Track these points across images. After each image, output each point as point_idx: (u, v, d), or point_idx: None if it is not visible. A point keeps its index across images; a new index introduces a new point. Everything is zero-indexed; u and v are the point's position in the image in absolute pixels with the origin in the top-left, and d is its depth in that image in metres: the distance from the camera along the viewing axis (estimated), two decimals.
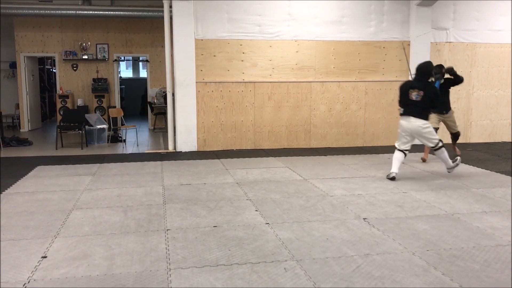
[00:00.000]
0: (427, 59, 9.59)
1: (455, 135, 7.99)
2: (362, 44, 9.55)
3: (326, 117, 9.58)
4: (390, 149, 8.93)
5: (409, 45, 9.70)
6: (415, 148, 7.77)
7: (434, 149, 6.53)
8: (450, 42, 9.92)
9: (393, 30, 9.65)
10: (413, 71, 9.57)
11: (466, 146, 9.52)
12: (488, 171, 7.13)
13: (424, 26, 9.59)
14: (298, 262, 3.59)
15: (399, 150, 6.57)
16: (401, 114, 6.53)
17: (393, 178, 6.43)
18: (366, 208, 5.11)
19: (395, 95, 9.74)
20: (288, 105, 9.40)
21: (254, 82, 9.23)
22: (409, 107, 6.42)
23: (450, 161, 6.69)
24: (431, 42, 9.74)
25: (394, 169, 6.48)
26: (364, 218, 4.72)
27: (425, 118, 6.38)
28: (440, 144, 6.49)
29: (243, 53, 9.16)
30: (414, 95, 6.36)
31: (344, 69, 9.53)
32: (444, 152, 6.58)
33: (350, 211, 4.98)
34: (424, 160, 7.86)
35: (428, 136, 6.42)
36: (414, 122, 6.37)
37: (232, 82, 9.18)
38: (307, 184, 6.25)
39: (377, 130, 9.79)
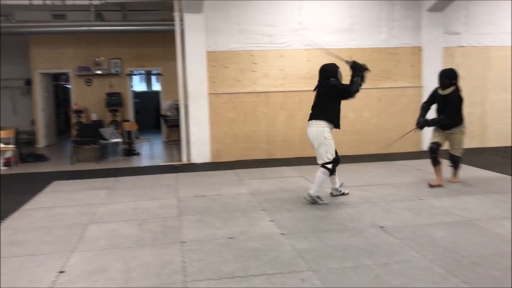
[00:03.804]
0: (439, 64, 9.57)
1: (452, 159, 6.52)
2: (374, 51, 9.52)
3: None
4: (405, 156, 8.87)
5: (421, 50, 9.64)
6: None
7: (321, 165, 5.50)
8: (462, 46, 9.83)
9: (404, 36, 9.61)
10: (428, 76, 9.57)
11: (483, 150, 9.39)
12: (506, 175, 7.01)
13: (435, 31, 9.54)
14: (315, 272, 3.55)
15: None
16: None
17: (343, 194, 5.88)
18: (382, 216, 5.06)
19: (408, 101, 9.69)
20: (301, 114, 9.36)
21: (266, 92, 9.24)
22: (311, 111, 5.74)
23: (321, 188, 5.59)
24: (443, 47, 9.67)
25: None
26: (381, 227, 4.67)
27: (321, 118, 5.54)
28: (330, 165, 5.46)
29: (255, 63, 9.19)
30: (315, 97, 5.73)
31: None
32: (324, 177, 5.49)
33: (366, 220, 4.93)
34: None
35: (323, 148, 5.48)
36: (310, 127, 5.65)
37: (244, 92, 9.20)
38: (322, 193, 6.20)
39: (391, 136, 9.67)
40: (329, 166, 5.48)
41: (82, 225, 4.99)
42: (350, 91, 5.53)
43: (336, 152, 5.65)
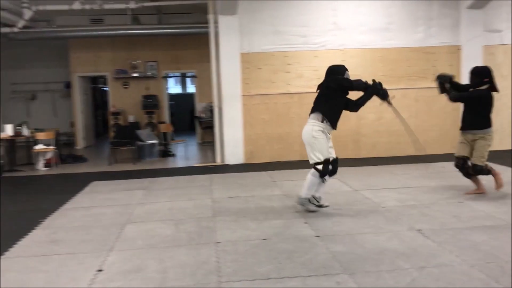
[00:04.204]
0: (479, 63, 9.27)
1: (473, 169, 5.74)
2: (411, 51, 9.34)
3: (376, 125, 9.39)
4: (443, 158, 8.64)
5: (459, 49, 9.40)
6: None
7: (313, 167, 5.18)
8: (504, 44, 9.51)
9: (442, 35, 9.38)
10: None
11: None
12: None
13: (475, 29, 9.27)
14: (350, 275, 3.51)
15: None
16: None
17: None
18: (420, 219, 4.95)
19: (446, 101, 9.37)
20: None
21: (300, 93, 9.20)
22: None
23: (311, 191, 5.24)
24: (484, 46, 9.38)
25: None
26: (418, 230, 4.56)
27: (316, 111, 5.21)
28: (320, 166, 5.09)
29: (288, 64, 9.16)
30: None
31: (392, 77, 9.34)
32: (314, 179, 5.15)
33: (403, 223, 4.83)
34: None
35: (308, 148, 5.19)
36: (305, 126, 5.29)
37: (278, 93, 9.19)
38: (357, 195, 6.13)
39: (429, 138, 9.47)
40: (319, 167, 5.09)
41: (120, 225, 5.09)
42: (351, 82, 5.12)
43: (335, 162, 5.28)
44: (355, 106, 5.42)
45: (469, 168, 5.77)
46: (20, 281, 3.64)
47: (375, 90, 5.18)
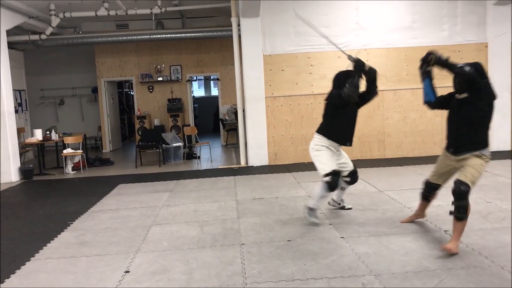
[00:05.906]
0: (508, 61, 9.10)
1: (457, 190, 4.00)
2: (436, 49, 9.18)
3: (401, 125, 9.28)
4: None
5: (486, 47, 9.21)
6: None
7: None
8: None
9: (468, 33, 9.21)
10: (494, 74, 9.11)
11: None
12: None
13: (502, 26, 9.06)
14: (376, 277, 3.48)
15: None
16: None
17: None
18: (447, 219, 4.85)
19: None
20: (360, 115, 9.12)
21: (323, 94, 9.07)
22: None
23: (319, 202, 4.99)
24: None
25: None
26: (445, 231, 4.49)
27: (317, 131, 5.25)
28: (328, 178, 4.78)
29: (312, 65, 9.14)
30: None
31: (417, 76, 9.05)
32: (323, 191, 4.85)
33: (429, 224, 4.77)
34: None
35: (315, 164, 5.02)
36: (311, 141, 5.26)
37: (301, 95, 9.16)
38: (382, 196, 6.07)
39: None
40: (327, 179, 4.80)
41: (146, 227, 5.17)
42: (341, 96, 4.95)
43: (354, 173, 5.15)
44: (368, 94, 5.30)
45: (433, 196, 4.67)
46: (50, 282, 3.74)
47: (359, 67, 5.16)
